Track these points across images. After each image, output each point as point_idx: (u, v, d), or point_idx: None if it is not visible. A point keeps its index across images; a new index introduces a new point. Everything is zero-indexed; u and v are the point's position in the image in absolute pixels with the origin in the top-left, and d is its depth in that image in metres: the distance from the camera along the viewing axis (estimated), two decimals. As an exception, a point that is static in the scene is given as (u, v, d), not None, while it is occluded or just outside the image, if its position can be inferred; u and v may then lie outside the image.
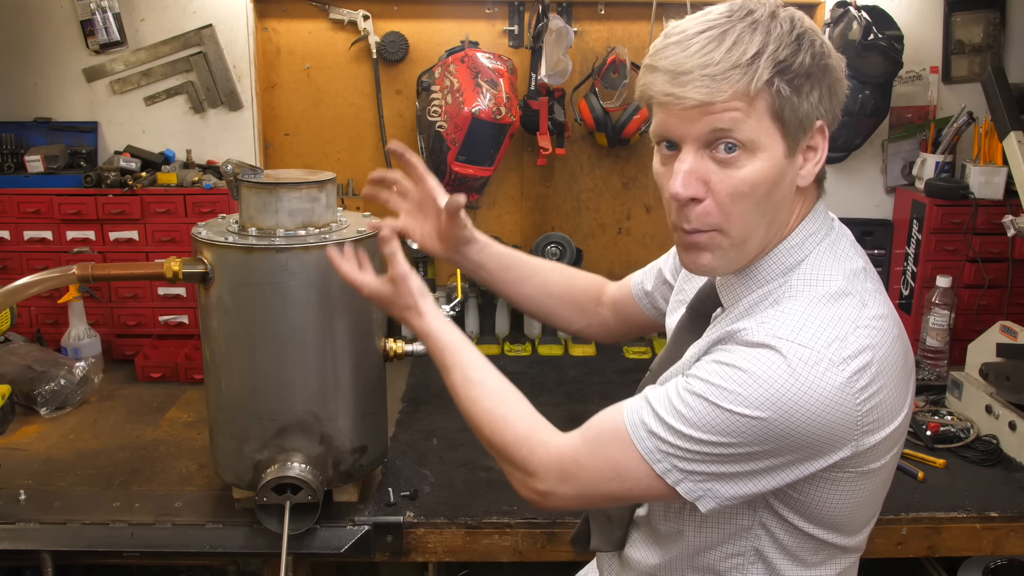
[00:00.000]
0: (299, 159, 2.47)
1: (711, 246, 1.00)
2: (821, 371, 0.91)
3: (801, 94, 0.94)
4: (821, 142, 1.00)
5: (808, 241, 1.04)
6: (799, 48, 0.93)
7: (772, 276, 1.04)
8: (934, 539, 1.59)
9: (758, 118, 0.93)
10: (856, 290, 1.00)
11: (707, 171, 0.96)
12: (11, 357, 2.02)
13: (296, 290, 1.40)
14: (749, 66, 0.91)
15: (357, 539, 1.53)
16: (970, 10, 2.36)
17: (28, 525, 1.53)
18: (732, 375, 0.94)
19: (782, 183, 0.98)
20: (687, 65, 0.92)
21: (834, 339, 0.93)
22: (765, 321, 0.97)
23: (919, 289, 2.29)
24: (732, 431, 0.94)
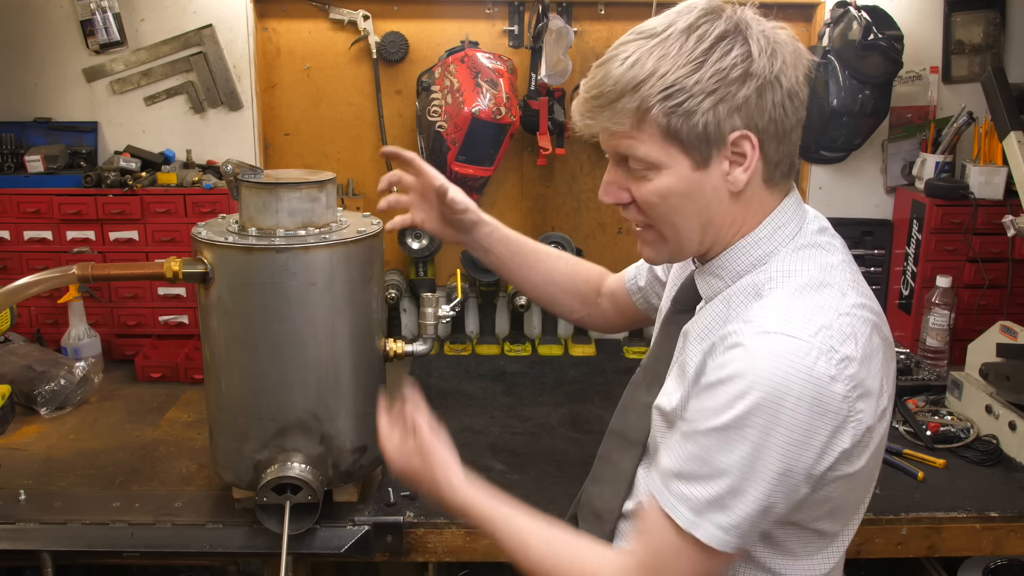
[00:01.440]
0: (299, 159, 2.47)
1: (650, 240, 1.10)
2: (811, 361, 0.92)
3: (694, 115, 0.97)
4: (748, 148, 1.00)
5: (777, 234, 1.07)
6: (699, 66, 0.96)
7: (743, 268, 1.08)
8: (934, 539, 1.59)
9: (651, 140, 1.00)
10: (834, 280, 1.02)
11: (625, 180, 1.06)
12: (11, 357, 2.02)
13: (296, 290, 1.40)
14: (635, 93, 0.97)
15: (357, 539, 1.53)
16: (970, 10, 2.36)
17: (28, 525, 1.53)
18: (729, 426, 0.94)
19: (699, 192, 1.03)
20: (588, 95, 1.02)
21: (820, 327, 0.95)
22: (751, 320, 0.99)
23: (919, 289, 2.29)
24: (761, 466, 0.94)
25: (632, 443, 1.22)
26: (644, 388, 1.23)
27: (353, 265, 1.45)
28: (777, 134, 1.02)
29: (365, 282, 1.48)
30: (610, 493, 1.24)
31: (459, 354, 2.43)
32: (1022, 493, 1.65)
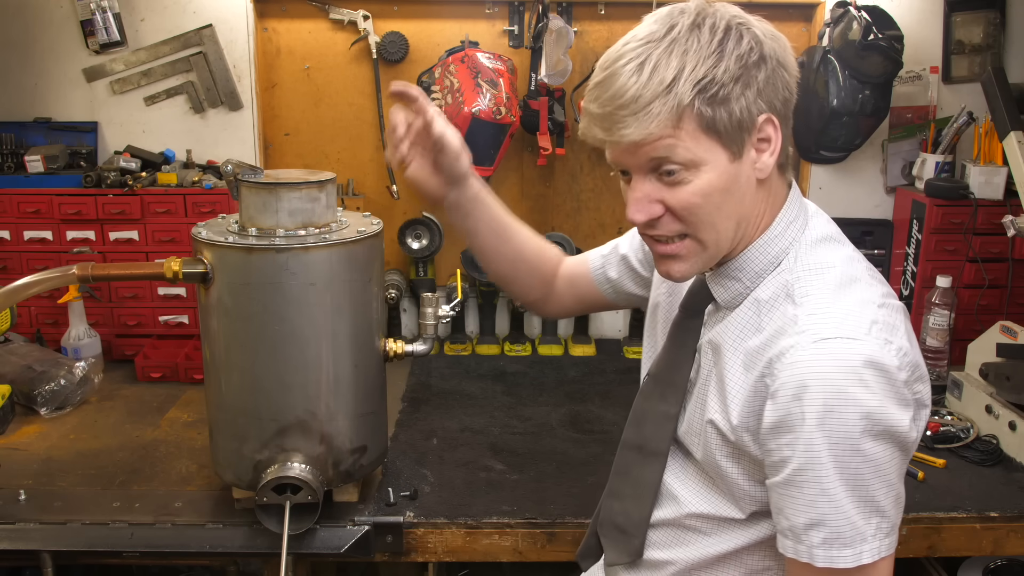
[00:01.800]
0: (299, 159, 2.47)
1: (684, 255, 1.05)
2: (877, 358, 0.95)
3: (730, 102, 0.96)
4: (772, 132, 1.02)
5: (790, 229, 1.07)
6: (721, 55, 0.95)
7: (763, 268, 1.07)
8: (934, 539, 1.59)
9: (691, 138, 0.97)
10: (860, 273, 1.05)
11: (658, 191, 1.01)
12: (11, 357, 2.02)
13: (296, 290, 1.40)
14: (668, 93, 0.94)
15: (357, 539, 1.53)
16: (970, 10, 2.36)
17: (28, 525, 1.53)
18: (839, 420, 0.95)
19: (736, 185, 1.01)
20: (611, 107, 0.96)
21: (871, 323, 0.97)
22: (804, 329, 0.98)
23: (919, 289, 2.29)
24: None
25: (651, 454, 1.21)
26: (657, 398, 1.21)
27: (353, 265, 1.45)
28: (787, 115, 1.04)
29: (365, 282, 1.48)
30: (634, 507, 1.23)
31: (459, 354, 2.43)
32: (1022, 493, 1.65)
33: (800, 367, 0.96)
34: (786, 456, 0.98)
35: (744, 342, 1.06)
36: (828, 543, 0.98)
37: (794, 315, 1.01)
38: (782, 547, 1.02)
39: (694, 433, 1.14)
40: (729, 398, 1.06)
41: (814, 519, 0.98)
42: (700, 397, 1.14)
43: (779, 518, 1.02)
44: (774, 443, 1.00)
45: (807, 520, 0.98)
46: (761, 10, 1.04)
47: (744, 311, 1.08)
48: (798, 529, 0.99)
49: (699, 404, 1.14)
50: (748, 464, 1.08)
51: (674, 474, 1.20)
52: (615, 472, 1.29)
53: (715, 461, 1.10)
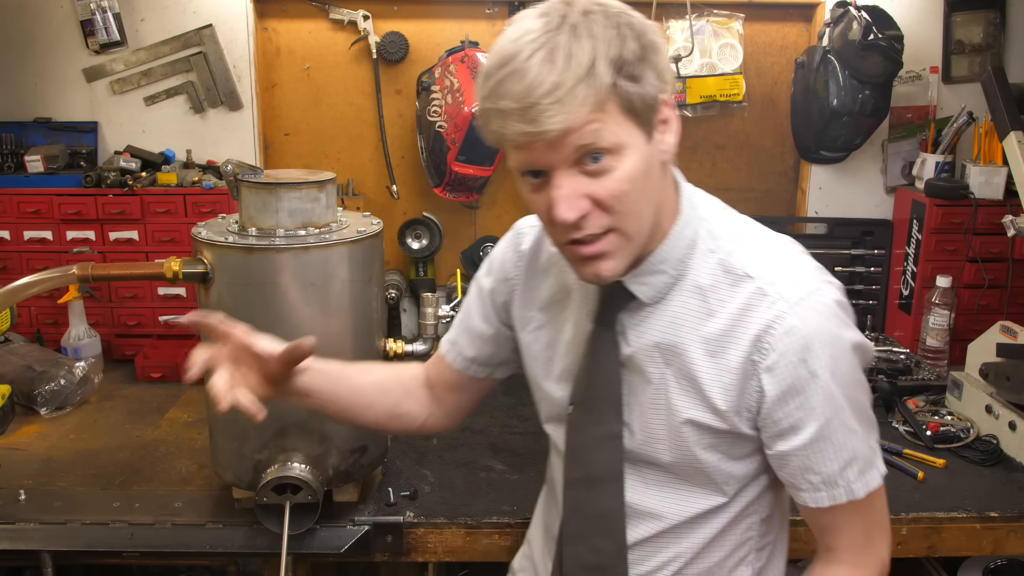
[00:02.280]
0: (299, 159, 2.47)
1: (612, 251, 1.01)
2: (836, 295, 1.05)
3: (641, 80, 0.95)
4: (670, 112, 1.02)
5: (693, 209, 1.10)
6: (623, 37, 0.93)
7: (683, 253, 1.08)
8: (934, 539, 1.59)
9: (614, 120, 0.94)
10: (757, 226, 1.13)
11: (583, 186, 0.96)
12: (11, 357, 2.02)
13: (296, 290, 1.40)
14: (589, 76, 0.91)
15: (357, 539, 1.53)
16: (970, 10, 2.36)
17: (28, 525, 1.53)
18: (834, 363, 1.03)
19: (652, 168, 1.01)
20: (531, 97, 0.90)
21: (814, 268, 1.08)
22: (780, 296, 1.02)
23: (919, 289, 2.29)
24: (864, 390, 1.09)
25: (604, 480, 1.15)
26: (593, 422, 1.15)
27: (353, 265, 1.45)
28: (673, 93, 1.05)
29: (365, 282, 1.48)
30: (604, 541, 1.17)
31: (459, 354, 2.42)
32: (1022, 493, 1.65)
33: (796, 333, 1.01)
34: (800, 418, 1.03)
35: (699, 330, 1.06)
36: (862, 473, 1.07)
37: (757, 288, 1.03)
38: (815, 501, 1.07)
39: (658, 440, 1.11)
40: (707, 389, 1.06)
41: (847, 459, 1.05)
42: (659, 403, 1.10)
43: (805, 476, 1.07)
44: (782, 411, 1.04)
45: (841, 463, 1.05)
46: (761, 10, 1.04)
47: (686, 301, 1.07)
48: (833, 476, 1.06)
49: (659, 410, 1.10)
50: (728, 446, 1.09)
51: (640, 490, 1.15)
52: (567, 515, 1.20)
53: (693, 458, 1.10)
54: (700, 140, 2.49)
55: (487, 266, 1.31)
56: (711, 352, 1.05)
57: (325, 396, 1.24)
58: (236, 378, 1.13)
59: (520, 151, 0.96)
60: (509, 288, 1.27)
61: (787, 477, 1.09)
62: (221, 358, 1.13)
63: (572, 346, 1.18)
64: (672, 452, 1.11)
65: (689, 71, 2.35)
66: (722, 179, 2.50)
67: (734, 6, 2.33)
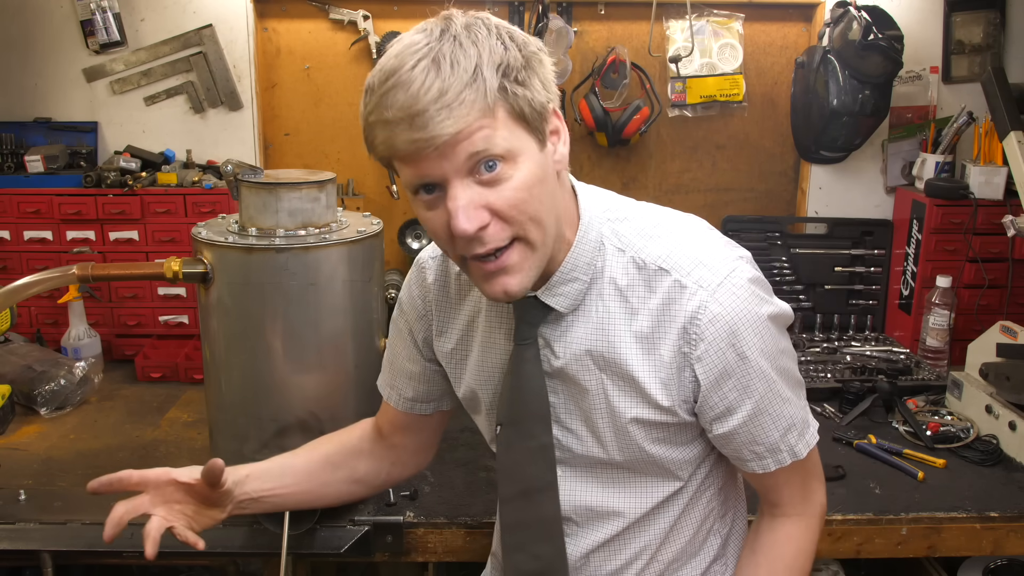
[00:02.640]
0: (299, 159, 2.47)
1: (518, 263, 0.98)
2: (749, 274, 1.07)
3: (528, 86, 0.95)
4: (559, 123, 1.02)
5: (594, 212, 1.10)
6: (506, 47, 0.93)
7: (591, 257, 1.08)
8: (934, 539, 1.59)
9: (504, 126, 0.92)
10: (665, 214, 1.13)
11: (482, 196, 0.94)
12: (11, 357, 2.02)
13: (296, 290, 1.40)
14: (475, 81, 0.90)
15: (357, 539, 1.53)
16: (970, 10, 2.37)
17: (28, 525, 1.53)
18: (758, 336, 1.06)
19: (548, 176, 1.00)
20: (419, 105, 0.88)
21: (723, 245, 1.10)
22: (698, 285, 1.04)
23: (919, 289, 2.29)
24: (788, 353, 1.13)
25: (539, 490, 1.16)
26: (522, 437, 1.15)
27: (353, 265, 1.45)
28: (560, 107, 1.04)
29: (365, 282, 1.48)
30: (543, 546, 1.18)
31: (459, 354, 2.43)
32: (1022, 493, 1.65)
33: (719, 320, 1.03)
34: (735, 399, 1.07)
35: (627, 330, 1.07)
36: (800, 434, 1.13)
37: (674, 281, 1.05)
38: (762, 468, 1.12)
39: (607, 442, 1.11)
40: (646, 387, 1.07)
41: (786, 426, 1.11)
42: (600, 407, 1.10)
43: (750, 448, 1.11)
44: (717, 395, 1.07)
45: (780, 431, 1.11)
46: (761, 10, 1.04)
47: (607, 304, 1.07)
48: (775, 443, 1.11)
49: (602, 414, 1.10)
50: (673, 435, 1.12)
51: (598, 492, 1.16)
52: (506, 528, 1.21)
53: (643, 453, 1.11)
54: (700, 140, 2.49)
55: (398, 308, 1.29)
56: (644, 350, 1.07)
57: (276, 494, 1.29)
58: (170, 518, 1.19)
59: (411, 165, 0.94)
60: (426, 325, 1.26)
61: (732, 452, 1.14)
62: (145, 505, 1.18)
63: (494, 368, 1.18)
64: (622, 451, 1.12)
65: (689, 71, 2.35)
66: (722, 179, 2.50)
67: (734, 6, 2.33)
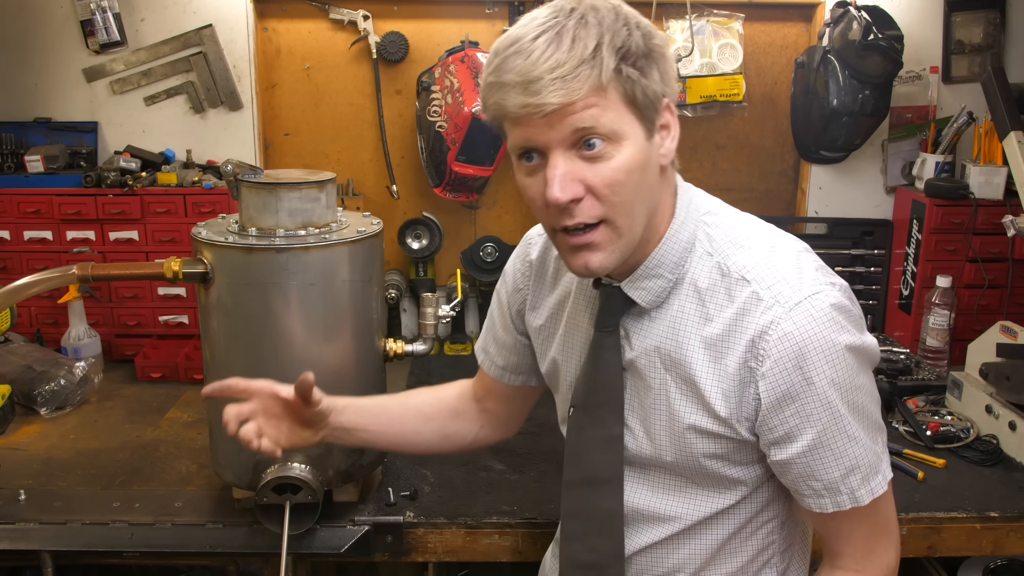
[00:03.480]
0: (299, 159, 2.47)
1: (602, 243, 1.00)
2: (836, 300, 1.01)
3: (646, 75, 0.96)
4: (671, 119, 1.02)
5: (690, 212, 1.08)
6: (630, 32, 0.95)
7: (680, 256, 1.07)
8: (934, 539, 1.59)
9: (614, 108, 0.95)
10: (766, 229, 1.10)
11: (579, 170, 0.96)
12: (11, 357, 2.02)
13: (296, 290, 1.40)
14: (594, 59, 0.92)
15: (357, 539, 1.53)
16: (970, 10, 2.36)
17: (28, 525, 1.53)
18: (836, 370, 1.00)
19: (650, 165, 1.00)
20: (535, 72, 0.91)
21: (814, 269, 1.04)
22: (776, 301, 1.00)
23: (919, 289, 2.29)
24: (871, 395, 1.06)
25: (604, 482, 1.16)
26: (593, 425, 1.16)
27: (353, 265, 1.45)
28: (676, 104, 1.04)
29: (365, 282, 1.48)
30: (602, 541, 1.17)
31: (459, 354, 2.43)
32: (1022, 493, 1.65)
33: (790, 339, 0.99)
34: (796, 425, 1.02)
35: (698, 334, 1.05)
36: (865, 480, 1.05)
37: (752, 292, 1.02)
38: (818, 507, 1.06)
39: (661, 443, 1.11)
40: (707, 395, 1.05)
41: (848, 467, 1.03)
42: (660, 407, 1.10)
43: (807, 483, 1.05)
44: (777, 418, 1.02)
45: (842, 471, 1.03)
46: (761, 10, 1.04)
47: (684, 305, 1.07)
48: (835, 483, 1.04)
49: (663, 415, 1.10)
50: (732, 452, 1.09)
51: (645, 493, 1.15)
52: (566, 515, 1.23)
53: (697, 464, 1.09)
54: (700, 140, 2.48)
55: (501, 279, 1.35)
56: (712, 357, 1.04)
57: (369, 431, 1.32)
58: (265, 429, 1.23)
59: (519, 127, 0.97)
60: (521, 299, 1.30)
61: (790, 483, 1.08)
62: (247, 412, 1.23)
63: (576, 351, 1.20)
64: (675, 454, 1.10)
65: (689, 71, 2.35)
66: (722, 179, 2.50)
67: (734, 6, 2.33)
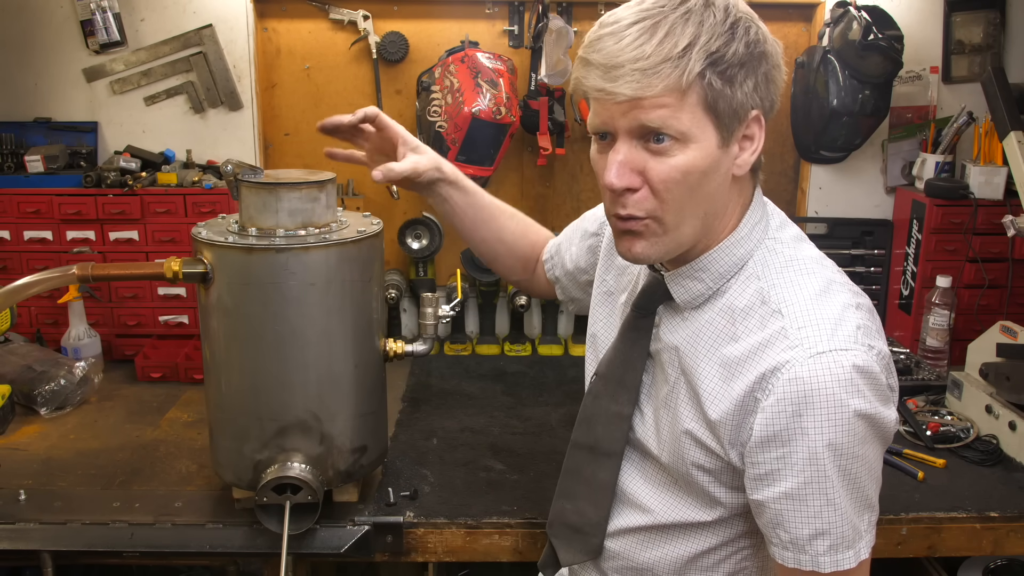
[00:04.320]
0: (299, 159, 2.47)
1: (646, 234, 1.01)
2: (864, 365, 0.96)
3: (735, 84, 0.94)
4: (758, 131, 1.01)
5: (755, 230, 1.06)
6: (733, 37, 0.93)
7: (727, 270, 1.05)
8: (934, 539, 1.59)
9: (690, 111, 0.94)
10: (830, 274, 1.05)
11: (641, 160, 0.97)
12: (11, 357, 2.02)
13: (296, 290, 1.40)
14: (681, 59, 0.91)
15: (357, 539, 1.53)
16: (970, 10, 2.36)
17: (28, 525, 1.53)
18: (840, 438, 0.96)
19: (716, 172, 0.99)
20: (619, 59, 0.92)
21: (855, 329, 0.98)
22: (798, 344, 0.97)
23: (919, 289, 2.29)
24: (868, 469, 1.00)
25: (604, 454, 1.18)
26: (608, 397, 1.18)
27: (353, 265, 1.45)
28: (770, 119, 1.02)
29: (365, 282, 1.48)
30: (589, 507, 1.20)
31: (459, 354, 2.43)
32: (1022, 493, 1.65)
33: (800, 383, 0.95)
34: (777, 469, 0.98)
35: (718, 350, 1.04)
36: (833, 549, 0.99)
37: (782, 327, 0.99)
38: (780, 558, 1.02)
39: (662, 440, 1.12)
40: (708, 408, 1.04)
41: (819, 529, 0.98)
42: (670, 405, 1.10)
43: (775, 531, 1.01)
44: (762, 456, 0.99)
45: (812, 531, 0.98)
46: (761, 10, 1.04)
47: (715, 317, 1.06)
48: (801, 541, 0.99)
49: (669, 412, 1.10)
50: (719, 472, 1.07)
51: (636, 479, 1.17)
52: (566, 471, 1.26)
53: (686, 470, 1.09)
54: (700, 140, 2.48)
55: (591, 212, 1.42)
56: (723, 376, 1.03)
57: (457, 211, 1.44)
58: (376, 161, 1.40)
59: (596, 106, 0.98)
60: (596, 242, 1.37)
61: (762, 526, 1.05)
62: (369, 136, 1.46)
63: (616, 321, 1.22)
64: (670, 456, 1.11)
65: (689, 71, 2.35)
66: (722, 179, 2.50)
67: (734, 6, 2.33)
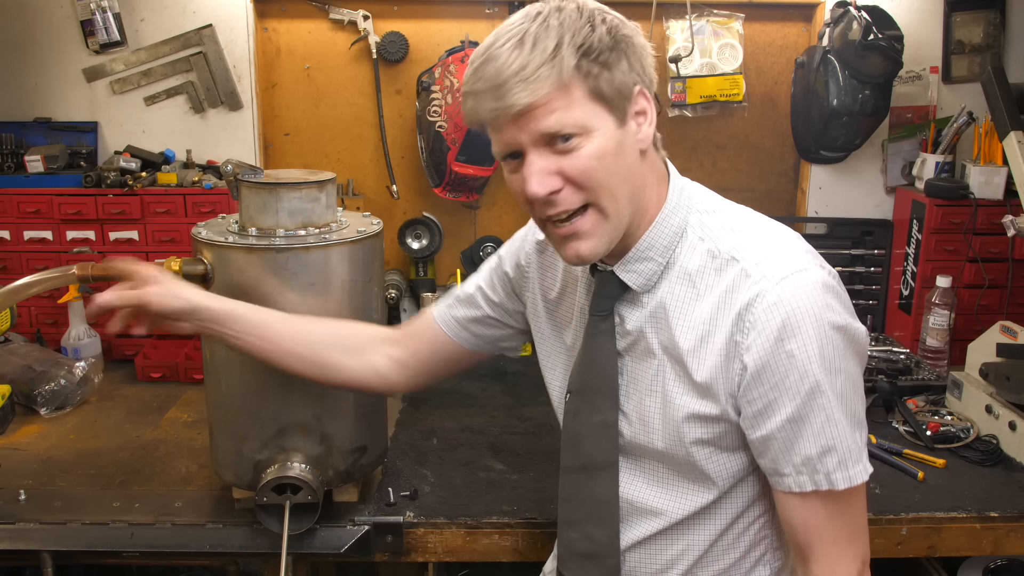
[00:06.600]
0: (299, 159, 2.47)
1: (589, 230, 1.04)
2: (825, 280, 1.02)
3: (610, 67, 1.00)
4: (646, 104, 1.05)
5: (682, 199, 1.11)
6: (593, 28, 0.99)
7: (670, 241, 1.10)
8: (934, 539, 1.59)
9: (580, 104, 0.99)
10: (760, 217, 1.12)
11: (554, 163, 1.01)
12: (11, 357, 2.02)
13: (296, 290, 1.40)
14: (555, 58, 0.97)
15: (357, 539, 1.53)
16: (970, 10, 2.37)
17: (28, 525, 1.53)
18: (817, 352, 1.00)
19: (624, 150, 1.03)
20: (502, 76, 0.98)
21: (806, 251, 1.06)
22: (764, 275, 1.02)
23: (919, 289, 2.29)
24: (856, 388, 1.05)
25: (599, 468, 1.17)
26: (588, 410, 1.17)
27: (353, 265, 1.45)
28: (653, 93, 1.07)
29: (365, 282, 1.48)
30: (597, 529, 1.19)
31: (459, 354, 2.42)
32: (1022, 493, 1.65)
33: (775, 310, 1.00)
34: (774, 399, 1.02)
35: (689, 314, 1.07)
36: (842, 464, 1.03)
37: (741, 269, 1.04)
38: (797, 485, 1.04)
39: (653, 428, 1.12)
40: (696, 372, 1.06)
41: (825, 445, 1.02)
42: (656, 390, 1.11)
43: (785, 458, 1.04)
44: (757, 391, 1.03)
45: (819, 448, 1.02)
46: (761, 10, 1.04)
47: (674, 287, 1.09)
48: (812, 460, 1.03)
49: (657, 398, 1.11)
50: (720, 437, 1.09)
51: (638, 484, 1.16)
52: (563, 500, 1.24)
53: (685, 451, 1.10)
54: (700, 140, 2.49)
55: (506, 247, 1.37)
56: (702, 335, 1.06)
57: (240, 340, 1.27)
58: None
59: (497, 133, 1.04)
60: (521, 275, 1.32)
61: (769, 464, 1.06)
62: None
63: (572, 336, 1.23)
64: (666, 441, 1.11)
65: (689, 71, 2.35)
66: (722, 179, 2.50)
67: (734, 6, 2.33)
